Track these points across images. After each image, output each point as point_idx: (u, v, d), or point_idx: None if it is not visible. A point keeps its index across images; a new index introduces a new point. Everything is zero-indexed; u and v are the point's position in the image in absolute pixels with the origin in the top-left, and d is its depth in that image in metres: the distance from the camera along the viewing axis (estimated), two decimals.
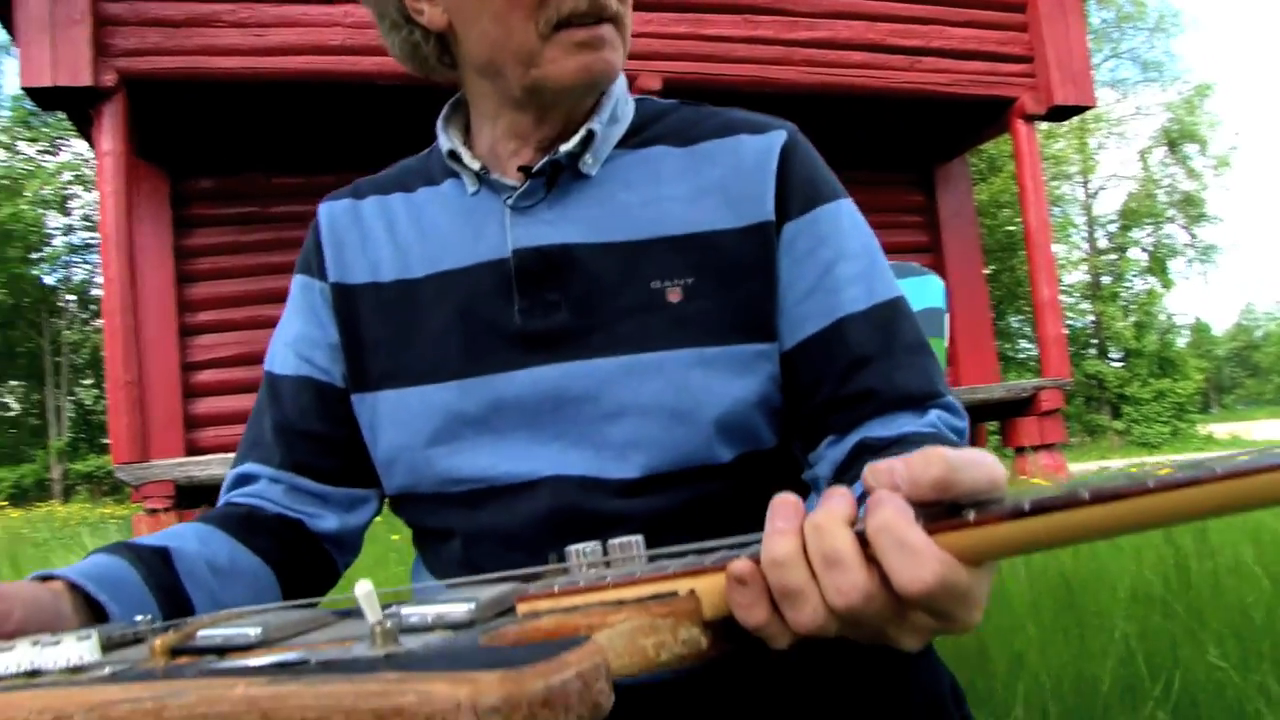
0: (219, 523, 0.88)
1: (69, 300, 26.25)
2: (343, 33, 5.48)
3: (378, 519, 1.00)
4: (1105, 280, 25.72)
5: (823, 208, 0.89)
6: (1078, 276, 26.10)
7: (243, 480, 0.95)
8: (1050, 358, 6.68)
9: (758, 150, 0.89)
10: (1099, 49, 26.44)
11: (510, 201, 0.90)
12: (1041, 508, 0.44)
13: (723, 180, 0.89)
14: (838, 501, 0.50)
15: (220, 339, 6.58)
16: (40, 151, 24.66)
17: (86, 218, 24.92)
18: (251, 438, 0.97)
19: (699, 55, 5.98)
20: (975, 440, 7.64)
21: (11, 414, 28.44)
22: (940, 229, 7.93)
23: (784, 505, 0.51)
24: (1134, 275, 26.03)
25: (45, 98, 5.21)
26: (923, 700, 0.63)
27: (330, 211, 0.99)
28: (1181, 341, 28.35)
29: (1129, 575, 2.15)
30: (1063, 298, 16.77)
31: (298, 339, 0.97)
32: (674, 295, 0.85)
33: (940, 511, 0.47)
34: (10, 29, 5.29)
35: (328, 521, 0.95)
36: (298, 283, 0.99)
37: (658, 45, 5.89)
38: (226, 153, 6.54)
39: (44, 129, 23.81)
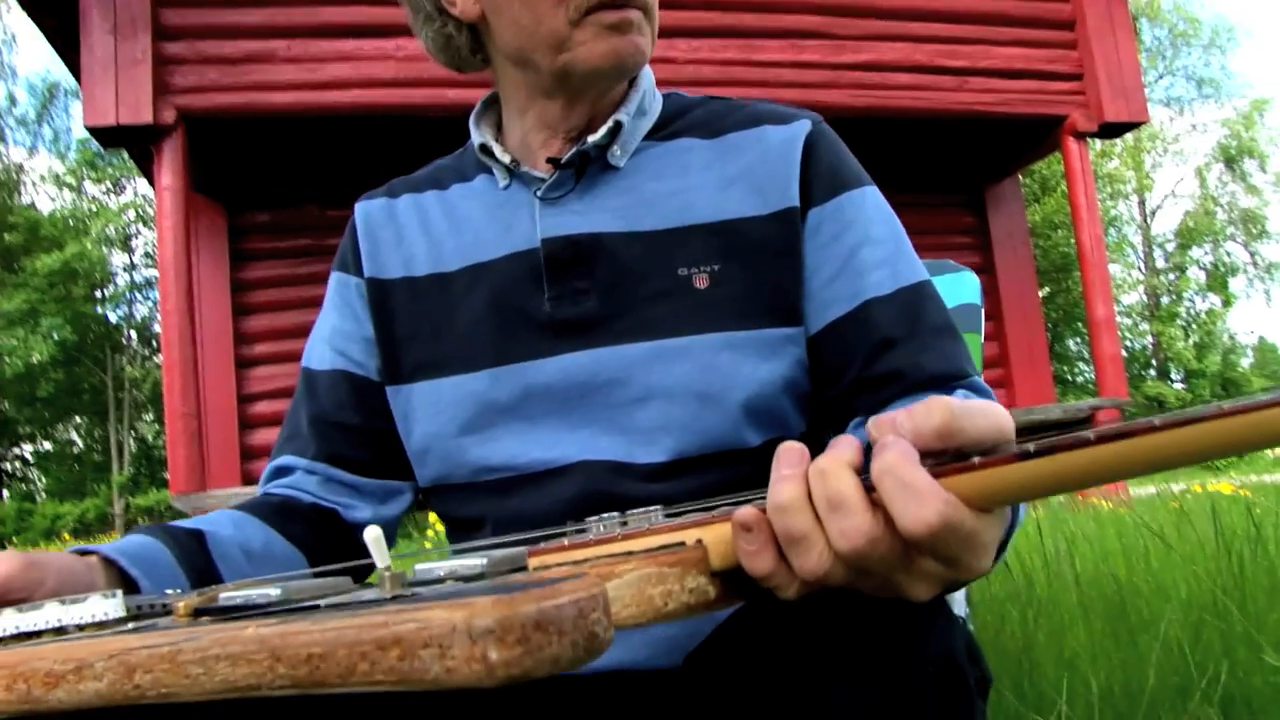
0: (254, 510, 0.90)
1: (131, 336, 26.81)
2: (395, 66, 5.57)
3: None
4: (1164, 301, 25.27)
5: (847, 194, 0.90)
6: (1135, 298, 25.70)
7: (279, 472, 0.98)
8: (1107, 377, 6.57)
9: (783, 139, 0.91)
10: (1153, 67, 26.13)
11: (540, 193, 0.92)
12: (1048, 449, 0.44)
13: (748, 169, 0.90)
14: (843, 448, 0.50)
15: (275, 370, 6.68)
16: (105, 191, 25.29)
17: (148, 254, 25.49)
18: (288, 431, 1.00)
19: (748, 80, 5.99)
20: None
21: (75, 450, 29.03)
22: (993, 250, 7.85)
23: (789, 451, 0.52)
24: (1193, 294, 25.56)
25: (108, 136, 5.34)
26: (936, 654, 0.62)
27: (366, 210, 1.02)
28: (1245, 362, 27.76)
29: (1184, 582, 2.11)
30: (1120, 319, 16.52)
31: (333, 334, 1.00)
32: (701, 281, 0.87)
33: (947, 459, 0.47)
34: (77, 72, 5.45)
35: (362, 512, 0.96)
36: (334, 280, 1.02)
37: (707, 71, 5.93)
38: (282, 186, 6.67)
39: (109, 169, 24.42)
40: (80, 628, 0.52)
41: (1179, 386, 23.09)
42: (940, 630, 0.63)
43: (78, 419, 28.07)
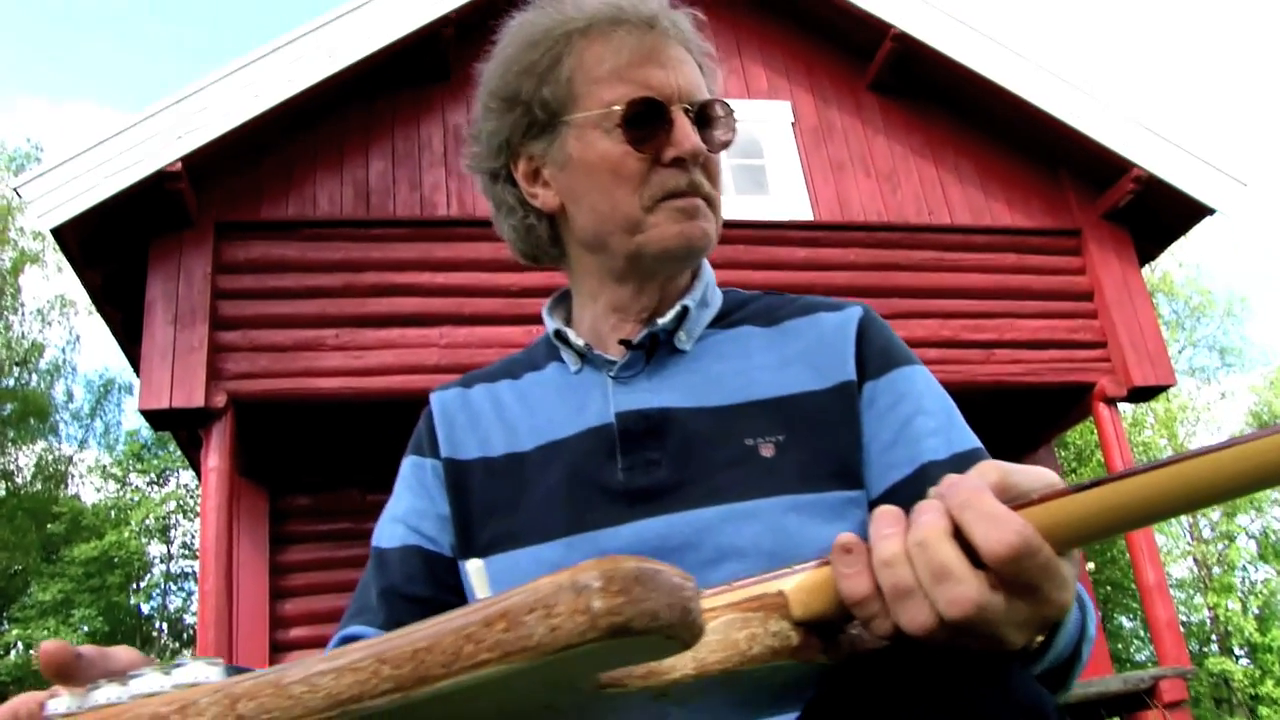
0: None
1: (162, 628, 26.48)
2: (438, 353, 5.80)
3: None
4: (1215, 571, 24.56)
5: (899, 370, 0.96)
6: (1184, 571, 25.01)
7: (346, 642, 0.96)
8: (1165, 644, 6.30)
9: (837, 323, 0.99)
10: (1174, 339, 26.64)
11: (613, 373, 0.98)
12: (1098, 481, 0.47)
13: (806, 350, 0.97)
14: (933, 518, 0.52)
15: (309, 655, 6.53)
16: (148, 483, 25.73)
17: (185, 545, 25.57)
18: (356, 606, 1.01)
19: None
20: None
21: None
22: None
23: (886, 514, 0.55)
24: (1246, 564, 24.85)
25: (160, 419, 5.54)
26: (1025, 701, 0.60)
27: (441, 398, 1.07)
28: None
29: None
30: (1173, 592, 16.01)
31: (406, 513, 1.03)
32: (767, 450, 0.91)
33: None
34: (136, 361, 5.70)
35: None
36: (408, 464, 1.05)
37: None
38: (324, 470, 6.78)
39: (154, 460, 24.95)
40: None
41: (1244, 663, 22.04)
42: (1026, 686, 0.61)
43: None
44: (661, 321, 0.97)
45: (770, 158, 6.91)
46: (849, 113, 7.15)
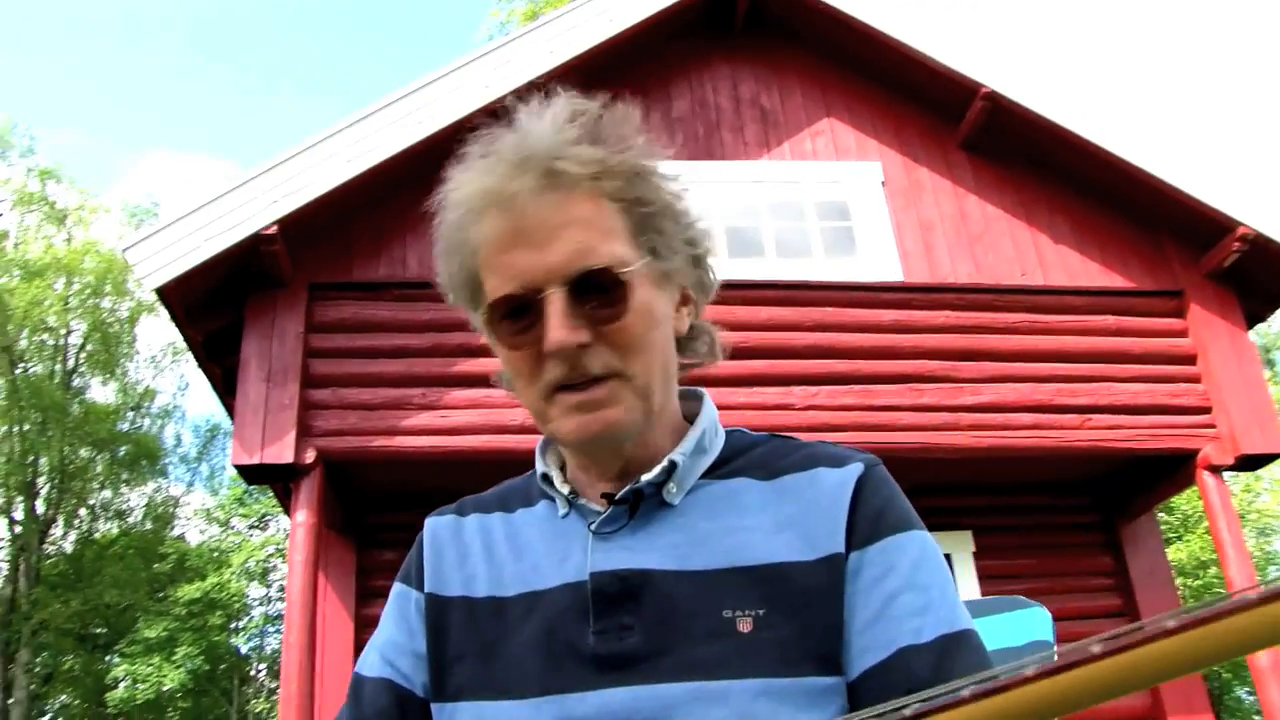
0: None
1: (260, 669, 26.99)
2: (522, 414, 5.82)
3: None
4: None
5: (892, 538, 0.89)
6: None
7: None
8: None
9: (834, 484, 0.92)
10: None
11: (593, 527, 0.94)
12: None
13: (800, 513, 0.91)
14: None
15: None
16: (250, 526, 26.39)
17: (283, 589, 26.10)
18: None
19: (868, 425, 6.06)
20: None
21: None
22: (1133, 592, 7.45)
23: None
24: None
25: (252, 473, 5.68)
26: None
27: (434, 526, 1.07)
28: None
29: None
30: None
31: (385, 644, 1.02)
32: (745, 625, 0.86)
33: None
34: (233, 415, 5.88)
35: None
36: (395, 590, 1.05)
37: (826, 417, 6.03)
38: (408, 526, 6.83)
39: (256, 505, 25.60)
40: None
41: None
42: None
43: None
44: (646, 478, 0.92)
45: (859, 219, 6.84)
46: (939, 172, 7.06)
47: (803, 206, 6.87)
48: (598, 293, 0.88)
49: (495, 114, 0.96)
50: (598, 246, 0.88)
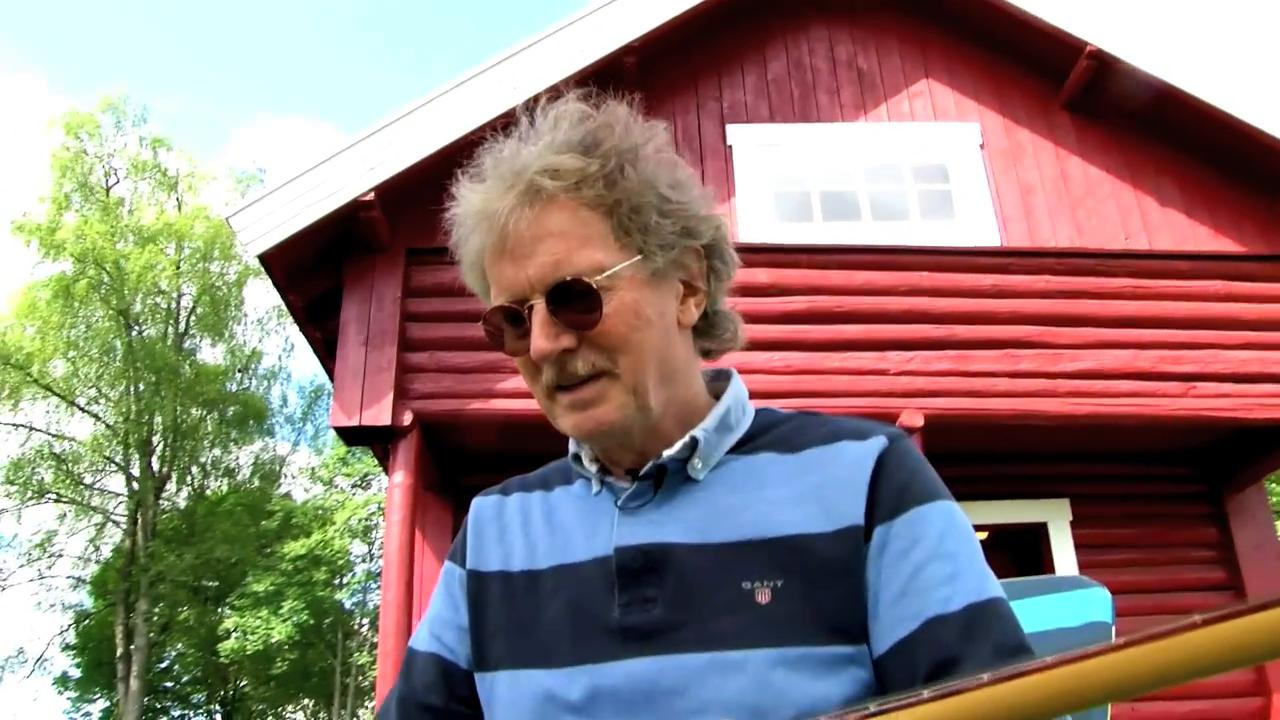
0: None
1: (363, 624, 27.79)
2: None
3: None
4: None
5: (916, 509, 0.90)
6: None
7: None
8: None
9: (855, 457, 0.94)
10: None
11: (620, 502, 0.98)
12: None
13: (821, 485, 0.93)
14: None
15: None
16: (352, 485, 27.12)
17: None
18: (382, 708, 1.08)
19: (962, 391, 5.97)
20: None
21: None
22: (1239, 565, 7.23)
23: None
24: None
25: (350, 435, 5.84)
26: None
27: (479, 506, 1.12)
28: None
29: None
30: None
31: (434, 619, 1.09)
32: (763, 596, 0.88)
33: None
34: (333, 378, 6.05)
35: None
36: (444, 568, 1.12)
37: (920, 383, 5.95)
38: None
39: (358, 464, 26.28)
40: None
41: None
42: None
43: (305, 700, 28.90)
44: (668, 454, 0.96)
45: (957, 182, 6.71)
46: (1040, 134, 6.87)
47: (900, 169, 6.76)
48: (575, 299, 0.92)
49: (505, 127, 1.03)
50: (572, 256, 0.92)
